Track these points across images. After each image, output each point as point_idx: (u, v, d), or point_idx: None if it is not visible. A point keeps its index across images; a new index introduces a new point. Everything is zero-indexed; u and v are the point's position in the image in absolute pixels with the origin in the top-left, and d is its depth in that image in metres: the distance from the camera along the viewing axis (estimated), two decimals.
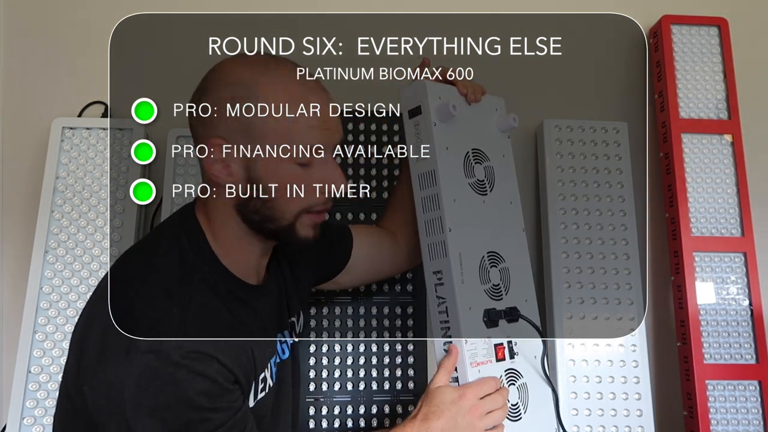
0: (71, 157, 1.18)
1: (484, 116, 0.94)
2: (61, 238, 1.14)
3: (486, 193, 0.89)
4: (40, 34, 1.28)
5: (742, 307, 1.20)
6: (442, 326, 0.81)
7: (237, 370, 0.67)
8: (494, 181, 0.91)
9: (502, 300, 0.86)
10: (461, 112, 0.85)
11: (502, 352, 0.83)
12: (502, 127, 0.95)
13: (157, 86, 1.23)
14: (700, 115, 1.27)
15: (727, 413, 1.15)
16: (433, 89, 0.85)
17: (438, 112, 0.84)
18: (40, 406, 1.07)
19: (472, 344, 0.79)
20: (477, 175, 0.89)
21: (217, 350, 0.65)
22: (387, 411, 1.06)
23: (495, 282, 0.86)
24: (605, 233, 1.20)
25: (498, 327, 0.84)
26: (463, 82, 0.89)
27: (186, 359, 0.62)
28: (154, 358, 0.62)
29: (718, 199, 1.24)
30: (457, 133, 0.87)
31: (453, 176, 0.85)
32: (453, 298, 0.79)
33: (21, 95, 1.26)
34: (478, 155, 0.90)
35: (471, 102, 0.90)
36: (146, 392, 0.61)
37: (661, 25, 1.29)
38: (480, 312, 0.82)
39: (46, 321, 1.10)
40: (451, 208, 0.82)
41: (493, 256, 0.87)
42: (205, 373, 0.63)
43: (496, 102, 0.97)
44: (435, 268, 0.82)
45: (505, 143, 0.96)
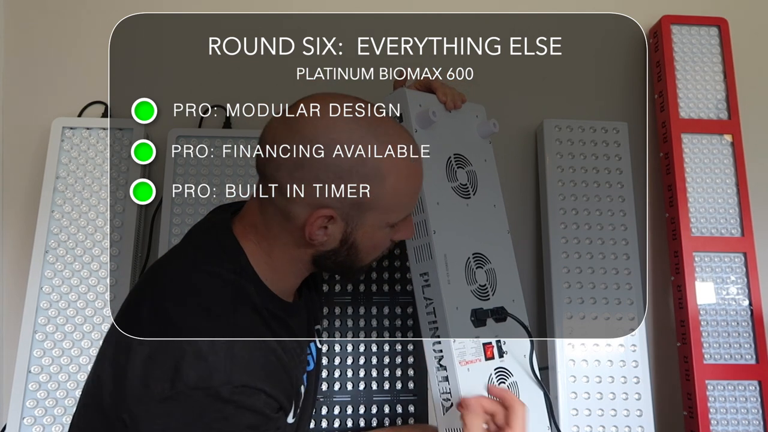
0: (71, 157, 1.18)
1: (465, 123, 0.95)
2: (61, 238, 1.14)
3: (469, 197, 0.91)
4: (40, 34, 1.28)
5: (742, 307, 1.20)
6: (430, 326, 0.82)
7: (282, 398, 0.67)
8: (477, 185, 0.93)
9: (489, 300, 0.87)
10: (441, 119, 0.87)
11: (491, 350, 0.84)
12: (483, 133, 0.97)
13: (157, 86, 1.24)
14: (700, 115, 1.27)
15: (727, 413, 1.15)
16: (413, 97, 0.86)
17: (418, 119, 0.85)
18: (40, 406, 1.07)
19: (460, 343, 0.81)
20: (460, 179, 0.90)
21: (265, 381, 0.64)
22: (387, 411, 1.06)
23: (481, 283, 0.87)
24: (605, 233, 1.20)
25: (486, 326, 0.85)
26: (442, 90, 0.90)
27: (235, 395, 0.61)
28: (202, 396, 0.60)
29: (718, 199, 1.24)
30: (439, 139, 0.88)
31: (436, 180, 0.86)
32: (440, 298, 0.81)
33: (21, 95, 1.26)
34: (460, 160, 0.91)
35: (450, 109, 0.91)
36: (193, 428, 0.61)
37: (661, 25, 1.29)
38: (467, 312, 0.83)
39: (46, 321, 1.10)
40: (435, 211, 0.84)
41: (478, 257, 0.88)
42: (254, 407, 0.63)
43: (477, 109, 0.98)
44: (421, 270, 0.83)
45: (486, 148, 0.98)
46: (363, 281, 1.12)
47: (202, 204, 1.17)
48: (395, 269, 1.12)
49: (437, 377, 0.81)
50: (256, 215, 0.71)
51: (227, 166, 1.20)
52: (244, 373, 0.62)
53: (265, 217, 0.70)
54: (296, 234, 0.68)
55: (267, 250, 0.71)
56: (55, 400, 1.07)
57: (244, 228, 0.72)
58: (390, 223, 0.71)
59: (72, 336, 1.10)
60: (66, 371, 1.09)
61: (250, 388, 0.62)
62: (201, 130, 1.22)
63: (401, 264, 1.13)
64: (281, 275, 0.73)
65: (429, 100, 0.89)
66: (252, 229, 0.72)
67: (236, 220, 0.74)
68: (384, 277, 1.12)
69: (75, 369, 1.09)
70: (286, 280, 0.74)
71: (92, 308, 1.11)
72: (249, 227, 0.72)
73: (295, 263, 0.73)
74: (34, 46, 1.28)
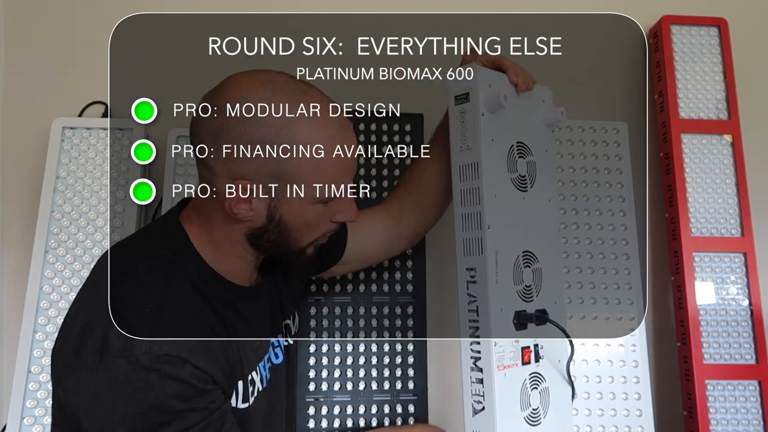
0: (71, 157, 1.18)
1: (531, 108, 0.88)
2: (61, 238, 1.14)
3: (526, 190, 0.85)
4: (40, 33, 1.28)
5: (741, 307, 1.20)
6: (470, 325, 0.78)
7: (214, 372, 0.66)
8: (535, 177, 0.87)
9: (533, 302, 0.83)
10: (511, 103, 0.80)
11: (528, 355, 0.81)
12: (549, 121, 0.91)
13: (157, 86, 1.23)
14: (700, 115, 1.27)
15: (726, 413, 1.15)
16: (484, 75, 0.80)
17: (487, 101, 0.79)
18: (40, 406, 1.07)
19: (500, 347, 0.77)
20: (519, 170, 0.84)
21: (191, 353, 0.63)
22: (387, 411, 1.06)
23: (527, 283, 0.83)
24: (605, 233, 1.20)
25: (526, 329, 0.82)
26: (514, 70, 0.84)
27: (157, 363, 0.61)
28: (124, 363, 0.60)
29: (718, 199, 1.24)
30: (504, 124, 0.82)
31: (496, 170, 0.81)
32: (485, 298, 0.76)
33: (21, 95, 1.26)
34: (522, 149, 0.85)
35: (521, 92, 0.85)
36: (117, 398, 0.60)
37: (661, 25, 1.29)
38: (510, 314, 0.80)
39: (46, 321, 1.10)
40: (491, 204, 0.78)
41: (527, 255, 0.84)
42: (180, 377, 0.62)
43: (544, 93, 0.91)
44: (469, 265, 0.79)
45: (549, 137, 0.92)
46: (363, 281, 1.12)
47: None
48: (395, 269, 1.12)
49: (471, 378, 0.78)
50: (198, 197, 0.73)
51: None
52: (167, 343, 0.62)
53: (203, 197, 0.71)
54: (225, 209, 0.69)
55: (207, 230, 0.72)
56: None
57: (189, 211, 0.74)
58: (319, 198, 0.69)
59: None
60: None
61: (173, 357, 0.62)
62: None
63: (401, 264, 1.13)
64: (224, 255, 0.73)
65: (499, 79, 0.83)
66: (195, 211, 0.74)
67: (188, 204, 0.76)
68: (384, 277, 1.12)
69: None
70: (231, 262, 0.74)
71: None
72: (192, 210, 0.74)
73: (232, 243, 0.73)
74: (34, 46, 1.28)
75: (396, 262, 1.12)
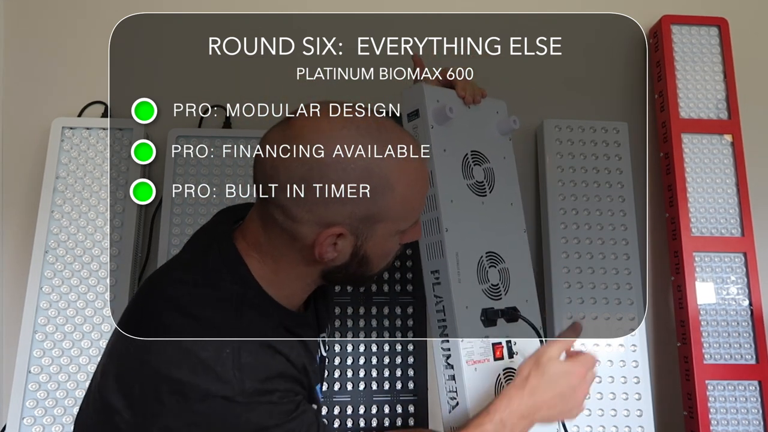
0: (71, 157, 1.18)
1: (485, 118, 0.94)
2: (61, 238, 1.14)
3: (485, 195, 0.90)
4: (40, 34, 1.28)
5: (742, 307, 1.20)
6: (439, 325, 0.82)
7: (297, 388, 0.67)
8: (494, 183, 0.91)
9: (501, 300, 0.86)
10: (459, 115, 0.85)
11: (500, 351, 0.84)
12: (503, 130, 0.95)
13: (157, 86, 1.24)
14: (700, 115, 1.27)
15: (727, 413, 1.15)
16: (430, 92, 0.85)
17: (435, 114, 0.84)
18: (40, 406, 1.07)
19: (468, 342, 0.80)
20: (476, 176, 0.89)
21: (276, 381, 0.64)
22: (387, 411, 1.06)
23: (494, 282, 0.86)
24: (605, 233, 1.20)
25: (497, 326, 0.84)
26: (462, 85, 0.88)
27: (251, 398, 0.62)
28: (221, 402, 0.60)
29: (718, 199, 1.24)
30: (456, 135, 0.87)
31: (450, 178, 0.85)
32: (449, 297, 0.80)
33: (21, 95, 1.26)
34: (478, 157, 0.90)
35: (469, 104, 0.90)
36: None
37: (661, 25, 1.29)
38: (477, 311, 0.83)
39: (46, 321, 1.10)
40: (447, 209, 0.83)
41: (492, 256, 0.87)
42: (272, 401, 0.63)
43: (497, 104, 0.97)
44: (432, 268, 0.83)
45: (506, 145, 0.96)
46: None
47: (202, 204, 1.17)
48: (395, 269, 1.12)
49: (444, 375, 0.81)
50: (259, 234, 0.69)
51: (227, 166, 1.20)
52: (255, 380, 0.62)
53: (269, 236, 0.68)
54: (305, 252, 0.67)
55: (273, 268, 0.69)
56: (55, 400, 1.07)
57: (248, 246, 0.70)
58: (400, 230, 0.69)
59: (72, 336, 1.10)
60: (66, 371, 1.09)
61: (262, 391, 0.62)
62: (201, 130, 1.22)
63: (401, 264, 1.13)
64: (288, 291, 0.71)
65: (447, 95, 0.88)
66: (255, 248, 0.70)
67: (238, 235, 0.71)
68: (384, 277, 1.12)
69: (75, 369, 1.09)
70: (293, 296, 0.73)
71: (92, 308, 1.11)
72: (252, 246, 0.70)
73: (302, 279, 0.71)
74: (34, 46, 1.28)
75: (396, 262, 1.12)
